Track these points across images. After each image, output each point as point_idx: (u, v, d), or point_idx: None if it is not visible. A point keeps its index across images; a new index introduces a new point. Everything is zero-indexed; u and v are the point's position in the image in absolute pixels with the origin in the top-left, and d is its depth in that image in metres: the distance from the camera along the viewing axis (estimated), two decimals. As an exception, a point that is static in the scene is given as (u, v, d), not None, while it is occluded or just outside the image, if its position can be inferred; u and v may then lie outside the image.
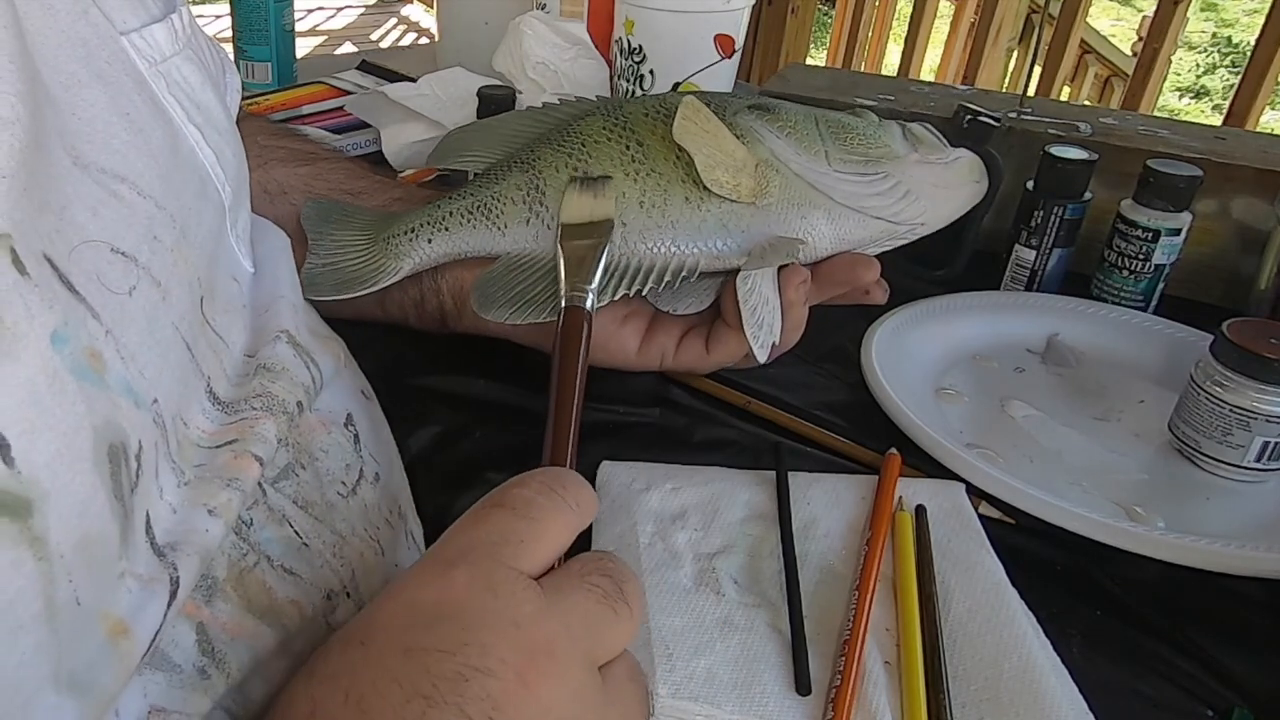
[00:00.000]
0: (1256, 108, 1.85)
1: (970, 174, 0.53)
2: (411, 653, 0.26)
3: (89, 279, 0.27)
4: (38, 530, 0.22)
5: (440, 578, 0.28)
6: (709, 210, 0.49)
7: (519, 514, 0.30)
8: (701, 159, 0.48)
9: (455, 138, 0.56)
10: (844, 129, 0.51)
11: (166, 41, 0.37)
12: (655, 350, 0.52)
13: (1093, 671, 0.40)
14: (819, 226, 0.50)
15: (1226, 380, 0.51)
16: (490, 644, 0.26)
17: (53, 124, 0.28)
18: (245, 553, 0.32)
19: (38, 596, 0.22)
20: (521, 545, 0.29)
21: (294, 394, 0.37)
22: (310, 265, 0.51)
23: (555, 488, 0.31)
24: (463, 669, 0.25)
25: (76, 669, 0.24)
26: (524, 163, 0.52)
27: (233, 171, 0.40)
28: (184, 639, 0.28)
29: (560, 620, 0.28)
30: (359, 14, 3.74)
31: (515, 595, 0.27)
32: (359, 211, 0.53)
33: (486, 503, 0.30)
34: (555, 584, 0.29)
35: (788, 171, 0.50)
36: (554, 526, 0.30)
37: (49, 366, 0.24)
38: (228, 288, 0.38)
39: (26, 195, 0.25)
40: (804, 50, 2.31)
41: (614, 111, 0.52)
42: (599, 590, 0.29)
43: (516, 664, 0.26)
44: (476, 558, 0.28)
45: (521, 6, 0.93)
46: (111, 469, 0.25)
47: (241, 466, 0.32)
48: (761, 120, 0.51)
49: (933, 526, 0.46)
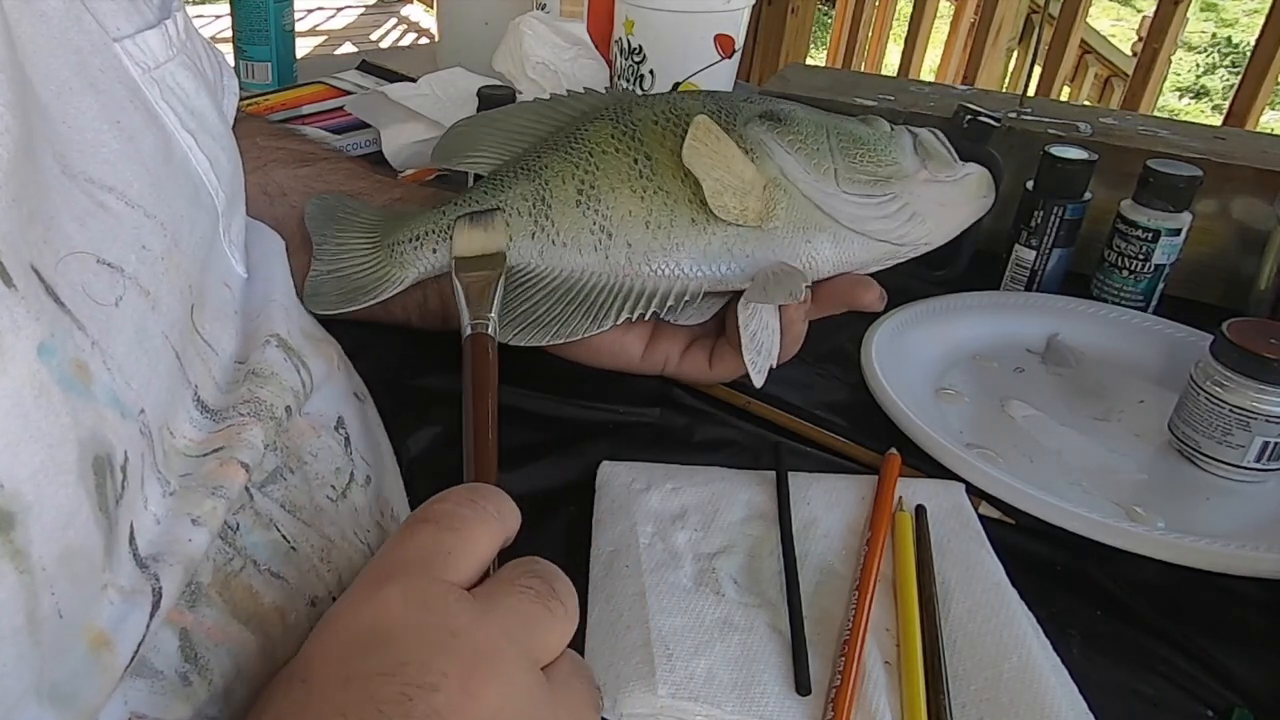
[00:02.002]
0: (1256, 108, 1.84)
1: (978, 190, 0.52)
2: (352, 681, 0.26)
3: (75, 290, 0.27)
4: (20, 543, 0.22)
5: (372, 600, 0.27)
6: (714, 234, 0.49)
7: (443, 527, 0.29)
8: (709, 184, 0.48)
9: (459, 134, 0.54)
10: (854, 143, 0.50)
11: (160, 47, 0.37)
12: (659, 357, 0.52)
13: (1093, 671, 0.40)
14: (823, 250, 0.50)
15: (1226, 380, 0.51)
16: (429, 659, 0.26)
17: (42, 133, 0.28)
18: (231, 557, 0.32)
19: (20, 609, 0.22)
20: (450, 557, 0.29)
21: (283, 399, 0.37)
22: (315, 272, 0.51)
23: (476, 499, 0.31)
24: (405, 689, 0.25)
25: (59, 681, 0.24)
26: (530, 170, 0.51)
27: (227, 177, 0.40)
28: (166, 645, 0.28)
29: (497, 625, 0.27)
30: (359, 14, 3.74)
31: (449, 607, 0.27)
32: (363, 208, 0.53)
33: (413, 519, 0.30)
34: (487, 591, 0.29)
35: (795, 192, 0.49)
36: (479, 536, 0.30)
37: (35, 378, 0.24)
38: (219, 294, 0.38)
39: (15, 206, 0.25)
40: (804, 50, 2.31)
41: (623, 116, 0.51)
42: (531, 591, 0.29)
43: (458, 675, 0.26)
44: (406, 575, 0.28)
45: (521, 6, 0.93)
46: (96, 481, 0.25)
47: (227, 474, 0.32)
48: (772, 133, 0.50)
49: (933, 526, 0.46)
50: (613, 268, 0.49)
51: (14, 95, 0.26)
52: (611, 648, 0.39)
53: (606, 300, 0.49)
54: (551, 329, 0.48)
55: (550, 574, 0.30)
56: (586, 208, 0.49)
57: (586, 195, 0.49)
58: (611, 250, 0.49)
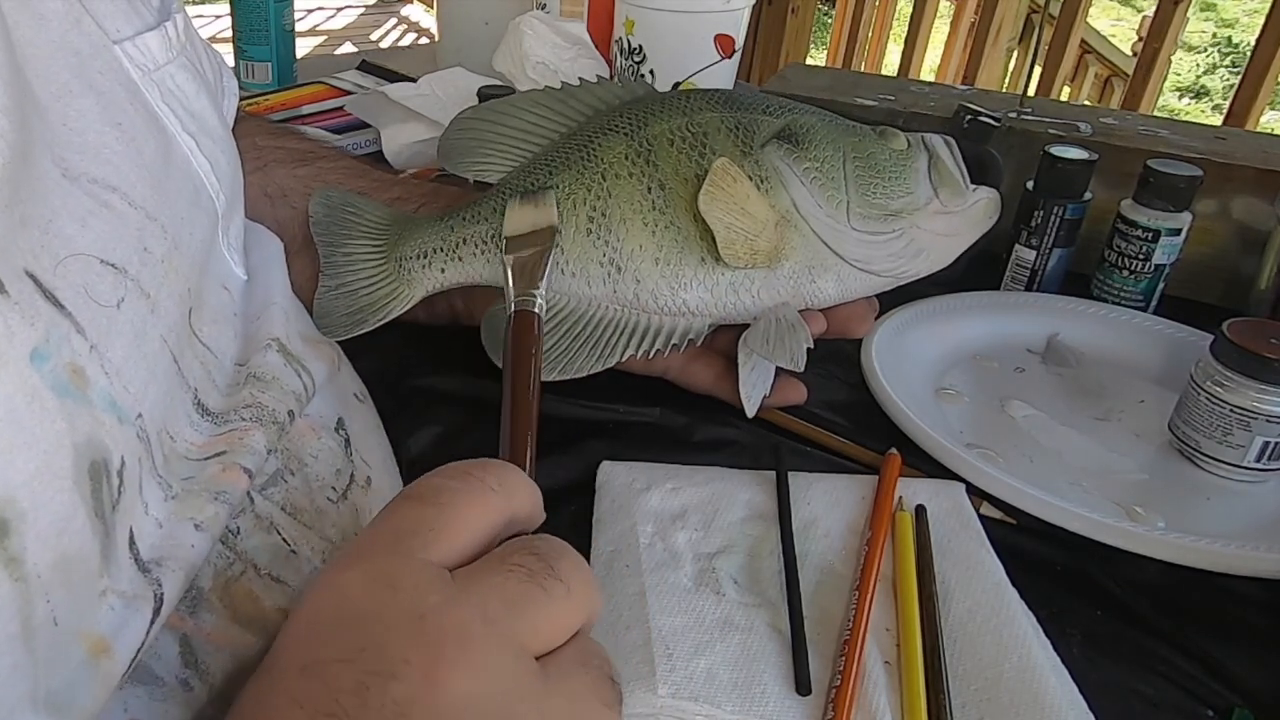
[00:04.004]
0: (1256, 108, 1.84)
1: (985, 215, 0.52)
2: (309, 669, 0.24)
3: (76, 292, 0.27)
4: (14, 550, 0.22)
5: (335, 583, 0.26)
6: (722, 274, 0.49)
7: (427, 501, 0.27)
8: (722, 234, 0.47)
9: (464, 131, 0.53)
10: (870, 170, 0.50)
11: (160, 50, 0.37)
12: (660, 363, 0.52)
13: (1093, 671, 0.40)
14: (827, 289, 0.50)
15: (1226, 380, 0.51)
16: (389, 643, 0.24)
17: (41, 135, 0.28)
18: (231, 562, 0.31)
19: (14, 617, 0.22)
20: (431, 534, 0.26)
21: (285, 403, 0.36)
22: (324, 287, 0.50)
23: (473, 471, 0.28)
24: (363, 676, 0.23)
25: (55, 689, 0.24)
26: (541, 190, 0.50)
27: (227, 180, 0.40)
28: (167, 651, 0.28)
29: (474, 605, 0.25)
30: (359, 14, 3.74)
31: (418, 587, 0.25)
32: (369, 207, 0.52)
33: (399, 495, 0.28)
34: (469, 570, 0.26)
35: (806, 229, 0.49)
36: (468, 511, 0.27)
37: (28, 385, 0.24)
38: (218, 297, 0.38)
39: (7, 210, 0.25)
40: (804, 50, 2.31)
41: (638, 132, 0.50)
42: (522, 569, 0.26)
43: (421, 661, 0.23)
44: (374, 554, 0.26)
45: (521, 6, 0.93)
46: (92, 487, 0.25)
47: (230, 479, 0.32)
48: (789, 158, 0.49)
49: (933, 526, 0.46)
50: (620, 302, 0.49)
51: (10, 100, 0.26)
52: (611, 647, 0.38)
53: (612, 338, 0.49)
54: (557, 365, 0.48)
55: (553, 551, 0.27)
56: (597, 237, 0.49)
57: (598, 224, 0.49)
58: (620, 285, 0.49)
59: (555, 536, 0.28)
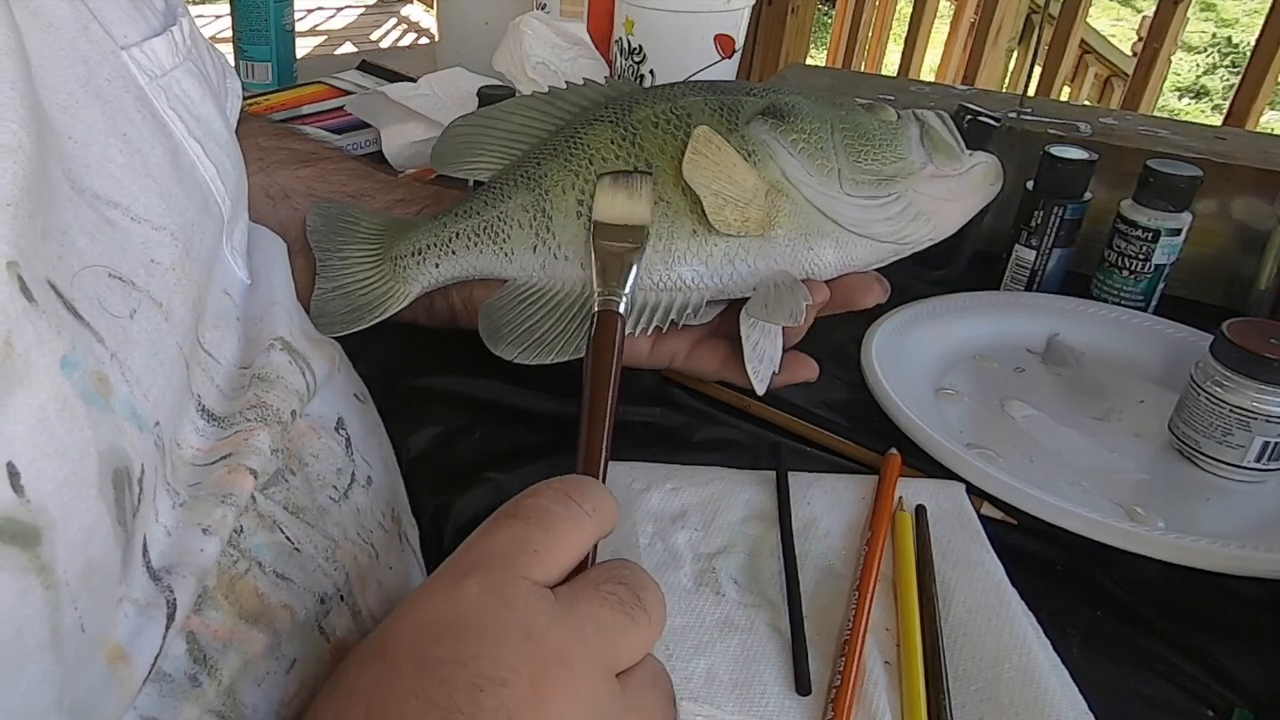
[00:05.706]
0: (1256, 108, 1.84)
1: (984, 180, 0.51)
2: (426, 665, 0.26)
3: (91, 304, 0.27)
4: (45, 558, 0.22)
5: (453, 590, 0.28)
6: (716, 244, 0.48)
7: (533, 523, 0.29)
8: (710, 200, 0.47)
9: (457, 136, 0.54)
10: (859, 139, 0.50)
11: (167, 55, 0.37)
12: (665, 353, 0.52)
13: (1093, 671, 0.40)
14: (825, 256, 0.50)
15: (1226, 380, 0.51)
16: (503, 655, 0.26)
17: (52, 148, 0.28)
18: (236, 560, 0.31)
19: (44, 624, 0.22)
20: (535, 555, 0.29)
21: (289, 402, 0.36)
22: (320, 290, 0.50)
23: (572, 495, 0.31)
24: (477, 679, 0.25)
25: (79, 696, 0.24)
26: (530, 179, 0.50)
27: (232, 184, 0.40)
28: (174, 649, 0.28)
29: (574, 629, 0.27)
30: (359, 14, 3.74)
31: (529, 606, 0.27)
32: (365, 217, 0.52)
33: (502, 513, 0.30)
34: (570, 593, 0.29)
35: (798, 196, 0.49)
36: (569, 535, 0.30)
37: (60, 393, 0.24)
38: (219, 302, 0.38)
39: (30, 221, 0.25)
40: (804, 50, 2.31)
41: (623, 118, 0.50)
42: (614, 598, 0.29)
43: (530, 674, 0.26)
44: (490, 569, 0.28)
45: (521, 6, 0.93)
46: (116, 495, 0.25)
47: (235, 481, 0.32)
48: (775, 132, 0.49)
49: (933, 526, 0.46)
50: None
51: (27, 112, 0.26)
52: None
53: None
54: (555, 347, 0.48)
55: (639, 581, 0.30)
56: (588, 219, 0.49)
57: (587, 206, 0.49)
58: None
59: (638, 565, 0.31)
